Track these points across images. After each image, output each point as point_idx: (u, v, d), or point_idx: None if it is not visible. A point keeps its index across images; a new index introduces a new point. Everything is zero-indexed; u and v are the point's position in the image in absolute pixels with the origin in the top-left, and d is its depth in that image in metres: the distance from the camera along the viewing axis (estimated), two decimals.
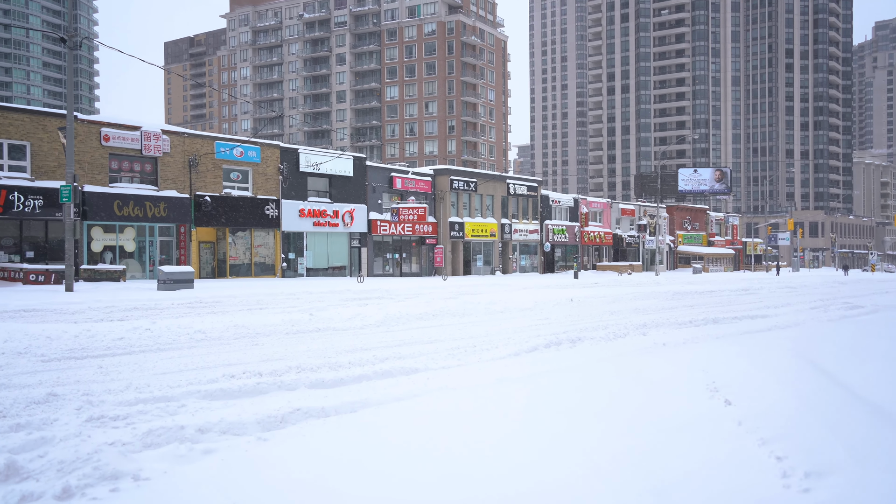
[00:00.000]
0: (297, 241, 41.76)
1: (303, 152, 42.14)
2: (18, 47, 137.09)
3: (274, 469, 4.64)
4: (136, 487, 4.40)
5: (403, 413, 5.94)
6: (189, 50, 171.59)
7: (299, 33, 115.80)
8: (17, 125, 30.49)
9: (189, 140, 36.57)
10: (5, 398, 7.41)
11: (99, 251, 33.07)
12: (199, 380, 8.47)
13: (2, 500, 4.22)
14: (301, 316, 15.40)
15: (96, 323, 14.37)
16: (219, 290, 26.59)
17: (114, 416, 6.49)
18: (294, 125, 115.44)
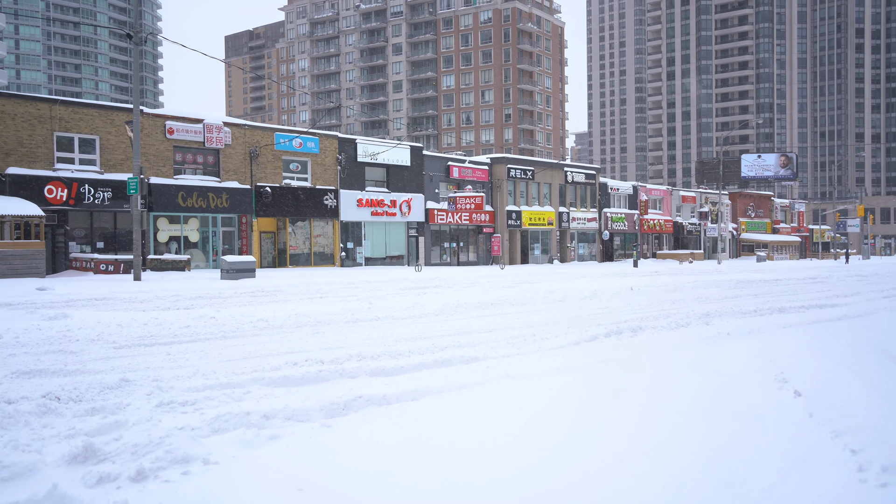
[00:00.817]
0: (356, 231, 42.17)
1: (360, 142, 42.47)
2: (87, 44, 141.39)
3: (338, 456, 4.69)
4: (206, 471, 4.50)
5: (464, 401, 5.95)
6: (248, 43, 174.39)
7: (356, 24, 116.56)
8: (86, 120, 31.47)
9: (249, 132, 37.22)
10: (81, 383, 7.68)
11: (164, 241, 33.97)
12: (262, 367, 8.64)
13: (81, 481, 4.38)
14: (360, 305, 15.56)
15: (163, 311, 14.77)
16: (279, 279, 27.05)
17: (182, 402, 6.67)
18: (351, 116, 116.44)
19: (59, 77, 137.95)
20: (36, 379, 8.09)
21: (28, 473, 4.44)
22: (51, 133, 30.38)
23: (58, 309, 14.53)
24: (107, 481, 4.38)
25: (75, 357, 9.57)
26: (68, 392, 7.24)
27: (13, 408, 6.42)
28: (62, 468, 4.64)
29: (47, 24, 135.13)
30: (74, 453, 4.78)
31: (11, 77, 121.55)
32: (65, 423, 6.06)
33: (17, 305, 15.78)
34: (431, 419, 5.35)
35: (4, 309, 14.99)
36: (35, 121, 29.93)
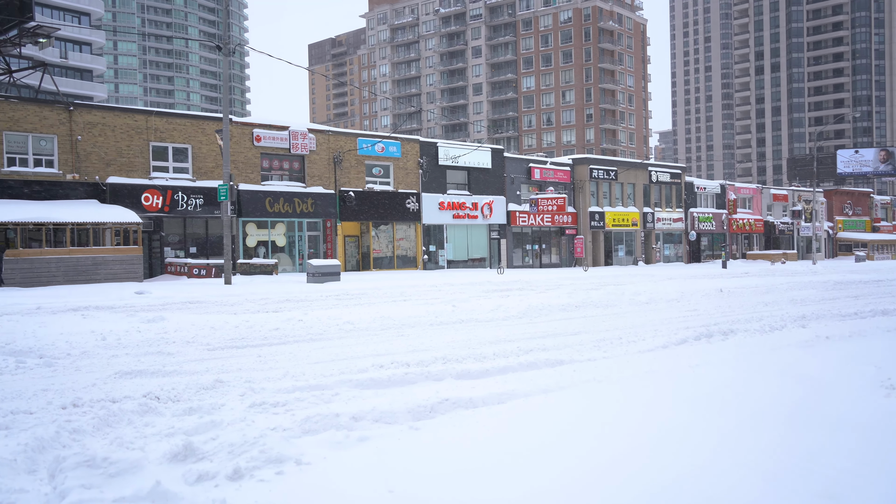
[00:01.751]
0: (438, 234, 42.43)
1: (441, 146, 42.73)
2: (179, 57, 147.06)
3: (427, 458, 4.71)
4: (299, 471, 4.60)
5: (552, 405, 5.89)
6: (331, 50, 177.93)
7: (435, 28, 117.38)
8: (179, 130, 32.72)
9: (333, 138, 37.95)
10: (178, 383, 7.98)
11: (253, 246, 34.98)
12: (350, 369, 8.78)
13: (181, 478, 4.54)
14: (444, 307, 15.62)
15: (253, 314, 15.20)
16: (363, 282, 27.46)
17: (274, 403, 6.84)
18: (432, 119, 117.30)
19: (153, 89, 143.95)
20: (137, 379, 8.45)
21: (133, 470, 4.64)
22: (147, 143, 31.72)
23: (155, 312, 15.15)
24: (205, 479, 4.53)
25: (172, 358, 9.96)
26: (167, 392, 7.54)
27: (117, 406, 6.72)
28: (164, 465, 4.82)
29: (143, 40, 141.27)
30: (175, 451, 4.96)
31: (111, 91, 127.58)
32: (165, 421, 6.31)
33: (118, 308, 16.52)
34: (519, 423, 5.32)
35: (106, 312, 15.72)
36: (133, 132, 31.31)
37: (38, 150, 29.12)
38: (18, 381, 8.54)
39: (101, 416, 6.34)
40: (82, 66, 77.32)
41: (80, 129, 29.86)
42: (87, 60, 78.00)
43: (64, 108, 29.68)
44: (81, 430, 5.95)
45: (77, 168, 29.76)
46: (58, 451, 5.26)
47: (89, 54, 79.21)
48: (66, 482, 4.41)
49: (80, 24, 75.99)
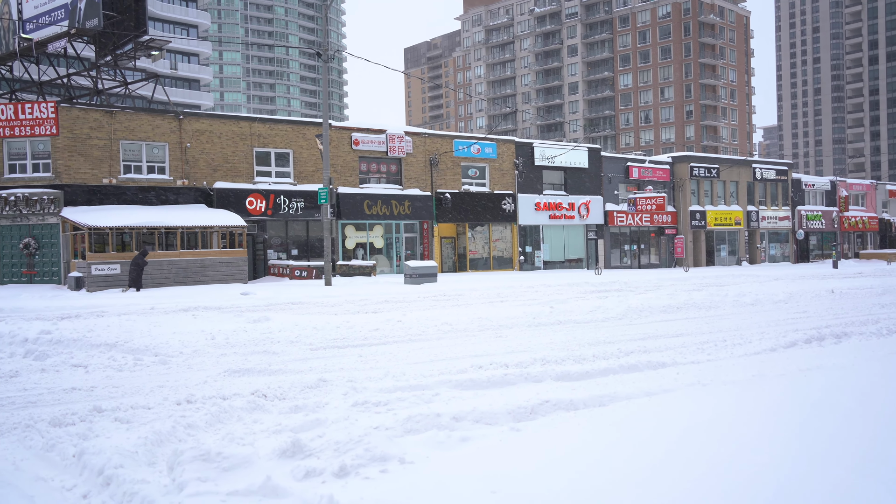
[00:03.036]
0: (534, 235, 42.19)
1: (537, 146, 42.46)
2: (280, 65, 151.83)
3: (529, 460, 4.68)
4: (402, 470, 4.65)
5: (656, 408, 5.74)
6: (426, 54, 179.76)
7: (530, 28, 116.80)
8: (281, 135, 33.76)
9: (429, 140, 38.30)
10: (284, 382, 8.22)
11: (352, 248, 35.70)
12: (449, 370, 8.83)
13: (290, 474, 4.67)
14: (541, 308, 15.51)
15: (353, 315, 15.50)
16: (460, 283, 27.58)
17: (376, 402, 6.95)
18: (527, 120, 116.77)
19: (255, 97, 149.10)
20: (245, 377, 8.76)
21: (245, 464, 4.80)
22: (251, 149, 32.86)
23: (260, 312, 15.67)
24: (313, 475, 4.65)
25: (277, 357, 10.27)
26: (273, 390, 7.78)
27: (228, 403, 6.99)
28: (273, 461, 4.98)
29: (246, 49, 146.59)
30: (284, 448, 5.11)
31: (216, 99, 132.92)
32: (272, 419, 6.51)
33: (225, 309, 17.18)
34: (622, 426, 5.21)
35: (215, 312, 16.37)
36: (237, 138, 32.51)
37: (150, 157, 30.63)
38: (136, 377, 9.00)
39: (213, 413, 6.61)
40: (190, 76, 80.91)
41: (188, 136, 31.23)
42: (194, 71, 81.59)
43: (174, 117, 31.10)
44: (195, 425, 6.21)
45: (186, 174, 31.13)
46: (175, 445, 5.50)
47: (197, 65, 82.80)
48: (183, 474, 4.61)
49: (189, 37, 79.53)
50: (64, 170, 28.53)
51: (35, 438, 5.98)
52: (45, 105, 28.22)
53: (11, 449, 5.71)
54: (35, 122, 28.13)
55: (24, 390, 8.23)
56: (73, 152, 28.72)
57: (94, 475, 4.90)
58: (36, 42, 33.67)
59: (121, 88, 35.71)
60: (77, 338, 11.28)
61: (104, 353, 10.38)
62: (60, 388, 8.27)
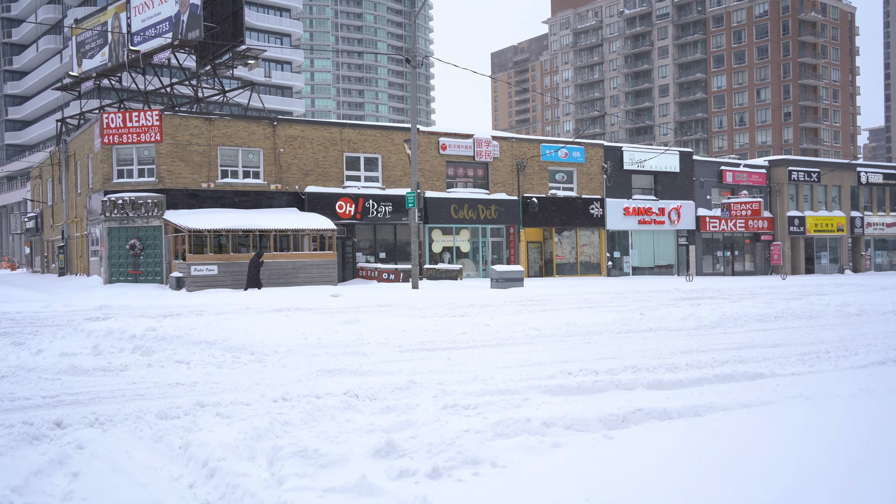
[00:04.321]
0: (622, 240, 41.52)
1: (626, 150, 41.79)
2: (369, 71, 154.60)
3: (622, 469, 4.62)
4: (494, 473, 4.68)
5: (757, 422, 5.57)
6: (513, 58, 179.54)
7: (620, 30, 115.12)
8: (370, 140, 34.36)
9: (516, 144, 38.24)
10: (374, 383, 8.37)
11: (438, 251, 35.98)
12: (538, 375, 8.80)
13: (384, 473, 4.77)
14: (631, 315, 15.25)
15: (441, 318, 15.62)
16: (547, 288, 27.41)
17: (465, 405, 6.99)
18: (615, 123, 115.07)
19: (345, 103, 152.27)
20: (337, 377, 8.96)
21: (340, 462, 4.92)
22: (341, 154, 33.57)
23: (350, 314, 15.98)
24: (406, 475, 4.72)
25: (367, 359, 10.46)
26: (365, 391, 7.93)
27: (321, 402, 7.17)
28: (368, 460, 5.08)
29: (336, 56, 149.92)
30: (378, 447, 5.21)
31: (307, 105, 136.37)
32: (364, 418, 6.65)
33: (316, 310, 17.60)
34: (720, 437, 5.08)
35: (306, 313, 16.80)
36: (328, 143, 33.27)
37: (246, 162, 31.68)
38: (235, 374, 9.34)
39: (308, 411, 6.80)
40: (283, 83, 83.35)
41: (282, 142, 32.16)
42: (287, 78, 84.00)
43: (269, 124, 32.09)
44: (291, 422, 6.40)
45: (279, 178, 32.05)
46: (273, 441, 5.69)
47: (290, 72, 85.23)
48: (283, 469, 4.77)
49: (282, 45, 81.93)
50: (166, 175, 29.84)
51: (144, 430, 6.29)
52: (151, 113, 29.61)
53: (124, 438, 6.03)
54: (141, 129, 29.55)
55: (133, 384, 8.67)
56: (174, 158, 30.01)
57: (199, 466, 5.12)
58: (143, 53, 35.38)
59: (219, 96, 37.12)
60: (179, 335, 11.78)
61: (204, 351, 10.81)
62: (165, 383, 8.66)
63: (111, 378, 9.12)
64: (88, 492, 4.75)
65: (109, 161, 30.15)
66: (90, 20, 40.33)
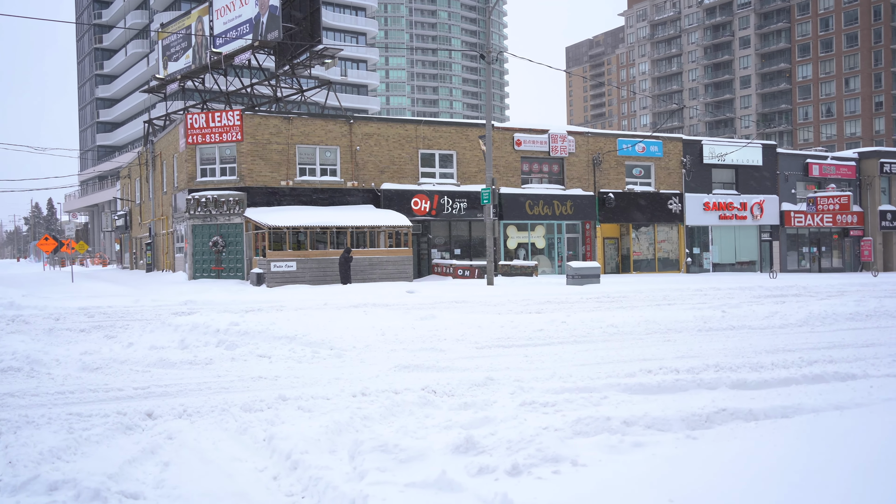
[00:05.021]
0: (702, 236, 40.51)
1: (706, 143, 40.74)
2: (443, 68, 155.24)
3: (707, 470, 4.51)
4: (575, 472, 4.62)
5: (849, 423, 5.35)
6: (588, 52, 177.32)
7: (699, 21, 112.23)
8: (445, 137, 34.47)
9: (592, 139, 37.74)
10: (451, 379, 8.39)
11: (513, 248, 35.84)
12: (616, 373, 8.67)
13: (464, 469, 4.77)
14: (712, 313, 14.88)
15: (517, 315, 15.56)
16: (623, 285, 26.97)
17: (543, 403, 6.94)
18: (694, 116, 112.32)
19: (419, 100, 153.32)
20: (414, 373, 9.03)
21: (420, 458, 4.95)
22: (416, 151, 33.79)
23: (426, 310, 16.07)
24: (486, 472, 4.72)
25: (444, 355, 10.50)
26: (442, 387, 7.96)
27: (400, 398, 7.24)
28: (447, 456, 5.10)
29: (410, 54, 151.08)
30: (457, 444, 5.22)
31: (382, 103, 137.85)
32: (442, 414, 6.67)
33: (392, 306, 17.77)
34: (811, 441, 4.90)
35: (383, 309, 16.98)
36: (403, 140, 33.54)
37: (323, 160, 32.23)
38: (314, 369, 9.52)
39: (387, 406, 6.87)
40: (359, 81, 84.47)
41: (358, 140, 32.59)
42: (363, 76, 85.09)
43: (345, 122, 32.56)
44: (370, 417, 6.49)
45: (355, 176, 32.49)
46: (353, 435, 5.77)
47: (365, 70, 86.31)
48: (364, 464, 4.83)
49: (358, 44, 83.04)
50: (247, 173, 30.63)
51: (230, 422, 6.48)
52: (232, 113, 30.44)
53: (210, 430, 6.22)
54: (223, 129, 30.41)
55: (217, 377, 8.95)
56: (255, 157, 30.77)
57: (283, 459, 5.23)
58: (224, 55, 36.40)
59: (297, 95, 37.86)
60: (261, 330, 12.07)
61: (285, 345, 11.05)
62: (248, 376, 8.90)
63: (197, 371, 9.43)
64: (178, 481, 4.91)
65: (193, 160, 31.14)
66: (175, 24, 41.72)
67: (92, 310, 17.27)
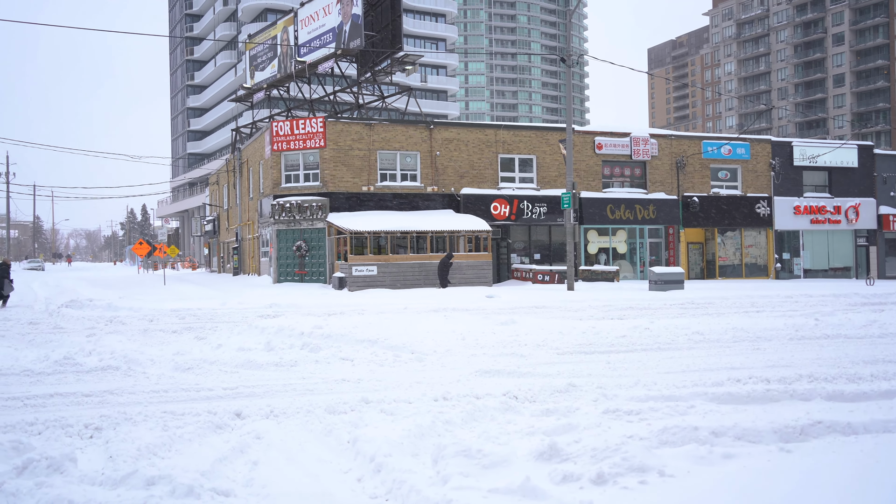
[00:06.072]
0: (792, 241, 39.07)
1: (797, 145, 39.29)
2: (522, 72, 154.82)
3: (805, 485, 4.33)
4: (662, 482, 4.51)
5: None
6: (671, 53, 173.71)
7: (788, 18, 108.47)
8: (525, 141, 34.33)
9: (676, 142, 36.93)
10: (533, 385, 8.34)
11: (594, 253, 35.37)
12: (703, 381, 8.44)
13: (547, 477, 4.72)
14: (804, 321, 14.32)
15: (598, 321, 15.34)
16: (708, 290, 26.26)
17: (627, 411, 6.81)
18: (784, 117, 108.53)
19: (498, 104, 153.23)
20: (495, 378, 9.01)
21: (503, 463, 4.93)
22: (495, 155, 33.77)
23: (506, 315, 16.02)
24: (570, 480, 4.66)
25: (525, 360, 10.44)
26: (524, 392, 7.91)
27: (481, 403, 7.23)
28: (530, 462, 5.06)
29: (489, 58, 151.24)
30: (540, 450, 5.17)
31: (462, 108, 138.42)
32: (524, 420, 6.62)
33: (472, 311, 17.79)
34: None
35: (462, 313, 17.02)
36: (483, 145, 33.57)
37: (403, 165, 32.57)
38: (396, 372, 9.61)
39: (468, 411, 6.87)
40: (438, 87, 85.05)
41: (438, 145, 32.79)
42: (442, 82, 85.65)
43: (425, 127, 32.82)
44: (452, 421, 6.49)
45: (435, 181, 32.69)
46: (435, 439, 5.79)
47: (445, 76, 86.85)
48: (447, 468, 4.83)
49: (438, 50, 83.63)
50: (329, 179, 31.23)
51: (314, 423, 6.60)
52: (315, 121, 31.10)
53: (296, 431, 6.36)
54: (307, 136, 31.11)
55: (302, 379, 9.14)
56: (337, 163, 31.35)
57: (367, 461, 5.29)
58: (308, 64, 37.26)
59: (378, 102, 38.39)
60: (343, 333, 12.27)
61: (367, 349, 11.20)
62: (332, 379, 9.06)
63: (282, 373, 9.66)
64: (267, 480, 5.03)
65: (278, 167, 31.95)
66: (262, 35, 42.95)
67: (183, 312, 17.92)
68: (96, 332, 14.29)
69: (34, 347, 12.23)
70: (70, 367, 9.94)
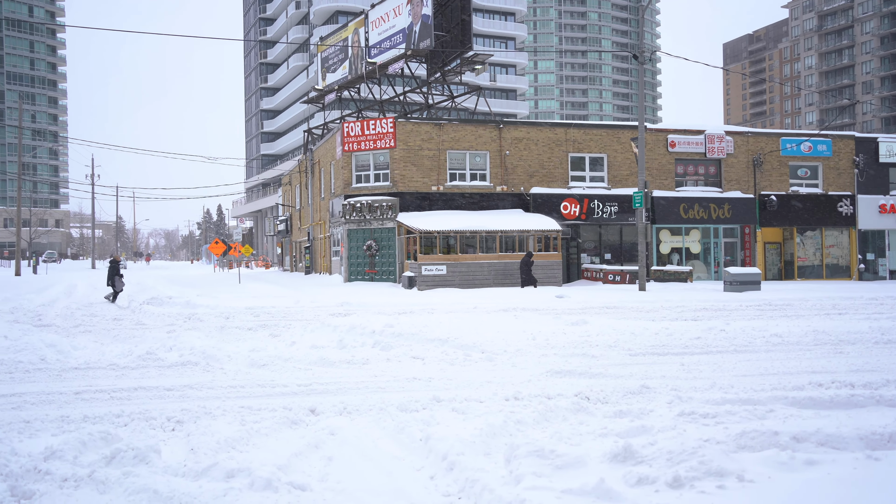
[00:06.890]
0: (877, 241, 37.52)
1: (883, 140, 37.71)
2: (592, 70, 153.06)
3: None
4: (741, 488, 4.40)
5: None
6: (748, 47, 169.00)
7: (874, 8, 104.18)
8: (595, 140, 33.93)
9: (752, 139, 35.92)
10: (605, 386, 8.24)
11: (666, 253, 34.70)
12: (782, 385, 8.20)
13: (622, 479, 4.66)
14: (891, 323, 13.75)
15: (671, 322, 15.05)
16: (787, 292, 25.45)
17: (703, 414, 6.66)
18: (868, 112, 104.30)
19: (568, 103, 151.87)
20: (566, 378, 8.93)
21: (576, 464, 4.89)
22: (565, 154, 33.47)
23: (576, 315, 15.87)
24: (645, 483, 4.58)
25: (596, 361, 10.32)
26: (596, 393, 7.83)
27: (553, 403, 7.18)
28: (604, 464, 5.00)
29: (559, 57, 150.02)
30: (615, 452, 5.11)
31: (531, 107, 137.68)
32: (596, 421, 6.55)
33: (542, 311, 17.68)
34: None
35: (532, 313, 16.94)
36: (553, 144, 33.32)
37: (473, 165, 32.60)
38: (466, 371, 9.63)
39: (540, 411, 6.83)
40: (508, 86, 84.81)
41: (507, 144, 32.70)
42: (511, 81, 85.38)
43: (494, 127, 32.77)
44: (524, 421, 6.47)
45: (505, 180, 32.61)
46: (506, 439, 5.78)
47: (514, 75, 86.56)
48: (520, 468, 4.82)
49: (507, 49, 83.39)
50: (399, 179, 31.50)
51: (387, 421, 6.68)
52: (385, 121, 31.42)
53: (369, 428, 6.44)
54: (377, 136, 31.46)
55: (374, 376, 9.25)
56: (407, 163, 31.60)
57: (439, 459, 5.32)
58: (378, 65, 37.67)
59: (447, 102, 38.53)
60: (414, 332, 12.36)
61: (437, 348, 11.26)
62: (403, 377, 9.14)
63: (355, 370, 9.79)
64: (342, 476, 5.11)
65: (349, 167, 32.40)
66: (333, 37, 43.63)
67: (257, 309, 18.35)
68: (176, 328, 14.78)
69: (119, 342, 12.73)
70: (152, 362, 10.31)
